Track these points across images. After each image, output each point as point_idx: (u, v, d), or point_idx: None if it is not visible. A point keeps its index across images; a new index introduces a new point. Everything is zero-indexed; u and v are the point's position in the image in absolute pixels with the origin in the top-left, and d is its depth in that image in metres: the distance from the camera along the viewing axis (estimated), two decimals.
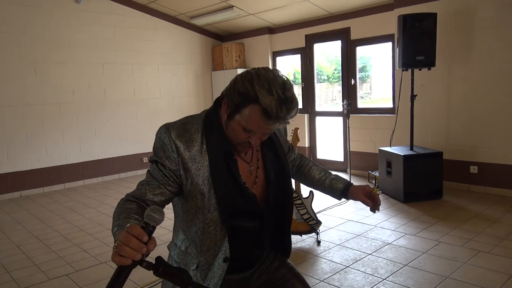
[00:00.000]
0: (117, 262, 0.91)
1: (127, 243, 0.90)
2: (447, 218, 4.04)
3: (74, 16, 6.14)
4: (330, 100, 9.77)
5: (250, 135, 1.23)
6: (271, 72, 1.18)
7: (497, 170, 4.73)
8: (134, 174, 6.92)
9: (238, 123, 1.21)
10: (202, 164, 1.25)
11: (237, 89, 1.18)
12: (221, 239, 1.30)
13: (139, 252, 0.90)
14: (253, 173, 1.37)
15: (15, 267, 3.34)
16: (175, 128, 1.26)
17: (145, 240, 0.91)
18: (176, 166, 1.24)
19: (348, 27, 6.07)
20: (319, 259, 3.26)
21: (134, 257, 0.90)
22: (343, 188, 1.55)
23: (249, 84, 1.15)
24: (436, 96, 5.15)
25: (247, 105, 1.17)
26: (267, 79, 1.15)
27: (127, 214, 1.12)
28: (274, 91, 1.13)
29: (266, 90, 1.13)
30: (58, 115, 6.08)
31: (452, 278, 2.80)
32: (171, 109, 7.31)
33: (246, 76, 1.18)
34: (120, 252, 0.90)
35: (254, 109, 1.16)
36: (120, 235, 0.93)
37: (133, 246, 0.90)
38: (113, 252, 0.92)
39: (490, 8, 4.62)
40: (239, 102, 1.18)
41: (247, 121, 1.18)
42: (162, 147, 1.25)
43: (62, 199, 5.51)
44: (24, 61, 5.72)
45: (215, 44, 7.94)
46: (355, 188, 1.54)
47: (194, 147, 1.25)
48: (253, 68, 1.21)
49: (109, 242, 3.83)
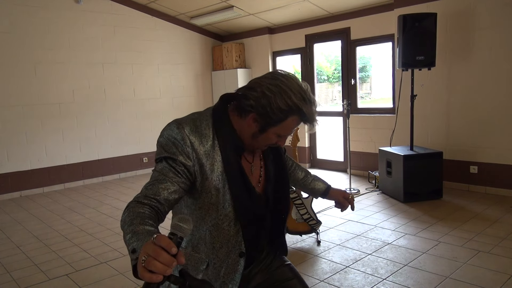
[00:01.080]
0: (148, 279, 0.82)
1: (157, 257, 0.82)
2: (447, 218, 4.04)
3: (74, 16, 6.14)
4: (330, 100, 9.78)
5: (280, 139, 1.30)
6: (292, 80, 1.24)
7: (497, 170, 4.73)
8: (134, 174, 6.92)
9: (273, 133, 1.27)
10: (215, 160, 1.25)
11: (277, 106, 1.21)
12: (235, 234, 1.30)
13: (170, 267, 0.83)
14: (255, 173, 1.38)
15: (15, 267, 3.34)
16: (187, 124, 1.26)
17: (174, 252, 0.84)
18: (191, 162, 1.22)
19: (348, 27, 6.07)
20: (319, 259, 3.26)
21: (165, 273, 0.82)
22: (325, 189, 1.70)
23: (289, 100, 1.20)
24: (436, 96, 5.15)
25: (289, 117, 1.23)
26: (299, 90, 1.22)
27: (141, 220, 1.05)
28: (307, 99, 1.23)
29: (303, 100, 1.22)
30: (58, 115, 6.08)
31: (452, 278, 2.80)
32: (171, 109, 7.31)
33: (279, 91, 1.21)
34: (150, 268, 0.82)
35: (294, 118, 1.24)
36: (146, 248, 0.85)
37: (163, 260, 0.82)
38: (140, 268, 0.83)
39: (490, 8, 4.62)
40: (281, 117, 1.23)
41: (285, 129, 1.26)
42: (174, 143, 1.23)
43: (62, 199, 5.51)
44: (24, 61, 5.72)
45: (215, 44, 7.94)
46: (334, 190, 1.71)
47: (207, 142, 1.25)
48: (275, 79, 1.23)
49: (109, 242, 3.83)
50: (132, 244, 0.97)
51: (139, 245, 0.96)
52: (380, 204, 4.67)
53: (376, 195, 5.04)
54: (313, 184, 1.70)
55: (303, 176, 1.71)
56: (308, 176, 1.72)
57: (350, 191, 5.16)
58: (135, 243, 0.97)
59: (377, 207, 4.54)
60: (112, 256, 3.48)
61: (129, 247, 0.98)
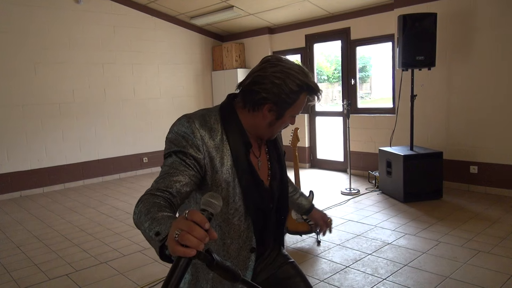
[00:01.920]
0: (182, 253, 0.82)
1: (191, 231, 0.81)
2: (447, 218, 4.04)
3: (74, 16, 6.14)
4: (330, 100, 9.77)
5: (293, 118, 1.37)
6: (289, 61, 1.30)
7: (497, 170, 4.73)
8: (134, 174, 6.92)
9: (289, 115, 1.32)
10: (224, 154, 1.26)
11: (289, 89, 1.26)
12: (245, 229, 1.30)
13: (203, 242, 0.83)
14: (262, 168, 1.39)
15: (15, 267, 3.34)
16: (197, 118, 1.27)
17: (207, 228, 0.84)
18: (201, 154, 1.23)
19: (348, 27, 6.07)
20: (319, 259, 3.26)
21: (198, 247, 0.82)
22: (308, 208, 1.76)
23: (297, 80, 1.26)
24: (436, 96, 5.15)
25: (301, 95, 1.29)
26: (300, 69, 1.29)
27: (158, 208, 1.04)
28: (306, 72, 1.29)
29: (306, 75, 1.28)
30: (58, 115, 6.08)
31: (452, 278, 2.80)
32: (171, 109, 7.31)
33: (286, 76, 1.26)
34: (184, 242, 0.81)
35: (304, 95, 1.31)
36: (178, 223, 0.84)
37: (197, 234, 0.82)
38: (173, 243, 0.83)
39: (490, 8, 4.62)
40: (294, 98, 1.28)
41: (298, 108, 1.32)
42: (184, 137, 1.23)
43: (62, 199, 5.51)
44: (24, 61, 5.72)
45: (215, 44, 7.94)
46: (316, 212, 1.76)
47: (217, 136, 1.26)
48: (275, 66, 1.27)
49: (109, 242, 3.83)
50: (154, 229, 0.97)
51: (162, 228, 0.96)
52: (380, 204, 4.67)
53: (376, 195, 5.04)
54: (300, 200, 1.75)
55: (292, 191, 1.72)
56: (296, 192, 1.75)
57: (350, 191, 5.16)
58: (158, 227, 0.97)
59: (377, 207, 4.54)
60: (112, 256, 3.48)
61: (151, 232, 0.97)
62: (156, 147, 7.02)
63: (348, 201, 4.85)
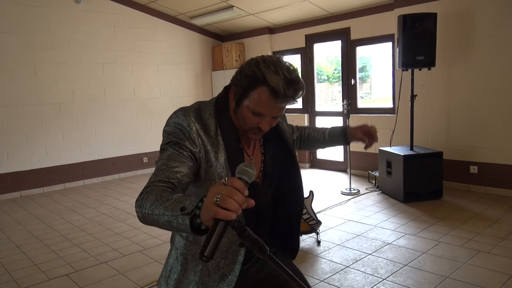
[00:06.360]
0: (223, 215, 0.83)
1: (232, 195, 0.83)
2: (447, 218, 4.04)
3: (74, 16, 6.13)
4: (330, 100, 9.76)
5: (259, 119, 1.26)
6: (275, 57, 1.25)
7: (497, 170, 4.73)
8: (134, 174, 6.92)
9: (247, 107, 1.25)
10: (219, 148, 1.27)
11: (244, 73, 1.24)
12: None
13: (242, 207, 0.84)
14: (254, 166, 1.38)
15: (15, 267, 3.34)
16: (192, 112, 1.29)
17: (246, 194, 0.86)
18: (197, 147, 1.24)
19: (348, 27, 6.07)
20: (319, 259, 3.26)
21: (238, 211, 0.84)
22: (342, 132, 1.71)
23: (255, 67, 1.21)
24: (436, 96, 5.15)
25: (255, 87, 1.21)
26: (273, 62, 1.21)
27: (169, 193, 1.06)
28: (280, 72, 1.19)
29: (272, 71, 1.19)
30: (58, 115, 6.08)
31: (452, 278, 2.80)
32: (171, 109, 7.18)
33: (252, 61, 1.25)
34: (225, 205, 0.83)
35: (262, 90, 1.20)
36: (217, 188, 0.86)
37: (238, 199, 0.84)
38: (212, 207, 0.84)
39: (490, 8, 4.61)
40: (247, 85, 1.23)
41: (256, 103, 1.23)
42: (180, 129, 1.25)
43: (62, 199, 5.51)
44: (24, 61, 5.72)
45: (215, 44, 7.94)
46: (352, 129, 1.69)
47: (211, 131, 1.28)
48: (261, 56, 1.27)
49: (109, 242, 3.83)
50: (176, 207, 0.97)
51: (186, 203, 0.96)
52: (380, 204, 4.67)
53: (376, 195, 5.04)
54: (331, 136, 1.72)
55: (320, 135, 1.73)
56: (324, 132, 1.74)
57: (350, 191, 5.16)
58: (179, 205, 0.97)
59: (377, 207, 4.54)
60: (112, 256, 3.48)
61: (173, 211, 0.97)
62: (156, 147, 7.01)
63: (348, 201, 4.85)
